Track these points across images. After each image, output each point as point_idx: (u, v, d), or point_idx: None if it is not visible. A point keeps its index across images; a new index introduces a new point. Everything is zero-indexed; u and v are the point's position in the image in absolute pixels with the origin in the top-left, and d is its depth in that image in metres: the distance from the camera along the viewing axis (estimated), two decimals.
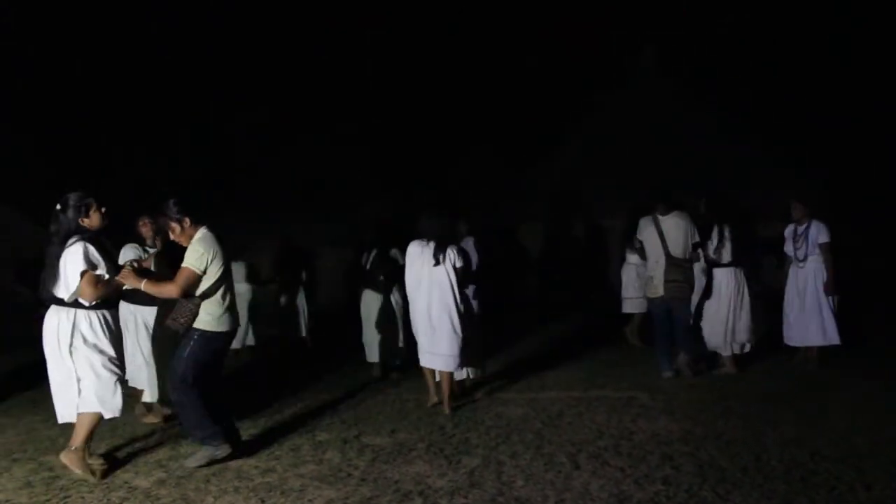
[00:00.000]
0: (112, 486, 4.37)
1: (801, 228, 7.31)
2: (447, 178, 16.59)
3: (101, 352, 4.46)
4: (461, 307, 5.92)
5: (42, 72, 16.61)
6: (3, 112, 15.30)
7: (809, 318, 7.20)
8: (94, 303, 4.43)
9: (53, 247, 4.45)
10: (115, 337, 4.59)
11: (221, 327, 4.68)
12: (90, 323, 4.45)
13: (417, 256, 5.97)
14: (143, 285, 4.54)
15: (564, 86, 18.27)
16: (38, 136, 16.04)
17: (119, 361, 4.58)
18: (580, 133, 15.34)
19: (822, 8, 17.91)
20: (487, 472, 4.42)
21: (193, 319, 4.61)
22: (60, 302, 4.43)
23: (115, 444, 5.23)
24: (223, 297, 4.68)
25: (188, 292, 4.58)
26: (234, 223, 10.20)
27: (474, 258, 6.82)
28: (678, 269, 6.79)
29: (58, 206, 4.49)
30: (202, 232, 4.68)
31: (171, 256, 5.02)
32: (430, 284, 5.88)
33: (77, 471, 4.47)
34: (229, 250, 4.79)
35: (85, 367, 4.43)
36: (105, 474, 4.53)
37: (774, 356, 7.47)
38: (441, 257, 5.86)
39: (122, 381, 4.59)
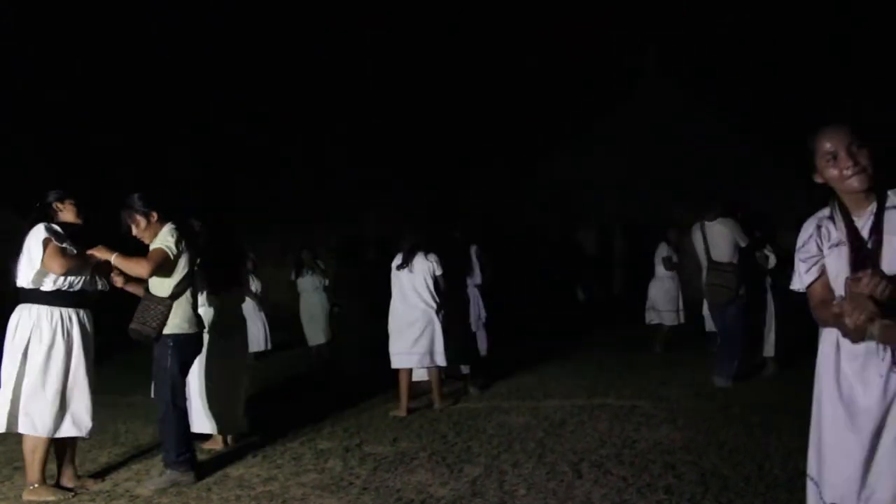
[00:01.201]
0: (114, 495, 4.36)
1: None
2: (449, 185, 16.61)
3: (51, 364, 4.16)
4: (432, 310, 6.24)
5: (43, 73, 16.65)
6: (5, 114, 15.31)
7: None
8: (54, 288, 4.16)
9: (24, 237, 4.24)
10: (81, 341, 4.29)
11: (194, 328, 4.60)
12: (51, 321, 4.18)
13: (396, 263, 6.35)
14: (114, 259, 4.26)
15: (567, 89, 18.30)
16: (40, 138, 16.04)
17: (72, 375, 4.24)
18: (582, 136, 15.37)
19: (823, 8, 17.94)
20: (489, 481, 4.41)
21: (164, 323, 4.39)
22: (27, 297, 4.20)
23: (118, 452, 5.23)
24: (192, 297, 4.61)
25: (154, 274, 4.35)
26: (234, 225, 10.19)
27: (477, 266, 6.87)
28: (719, 273, 6.90)
29: (37, 203, 4.38)
30: (170, 226, 4.51)
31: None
32: (402, 288, 6.27)
33: (50, 498, 4.22)
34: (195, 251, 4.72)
35: (28, 381, 4.14)
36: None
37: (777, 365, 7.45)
38: (410, 263, 6.23)
39: (66, 399, 4.24)
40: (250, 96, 17.77)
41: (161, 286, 4.44)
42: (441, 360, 6.28)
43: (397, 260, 6.32)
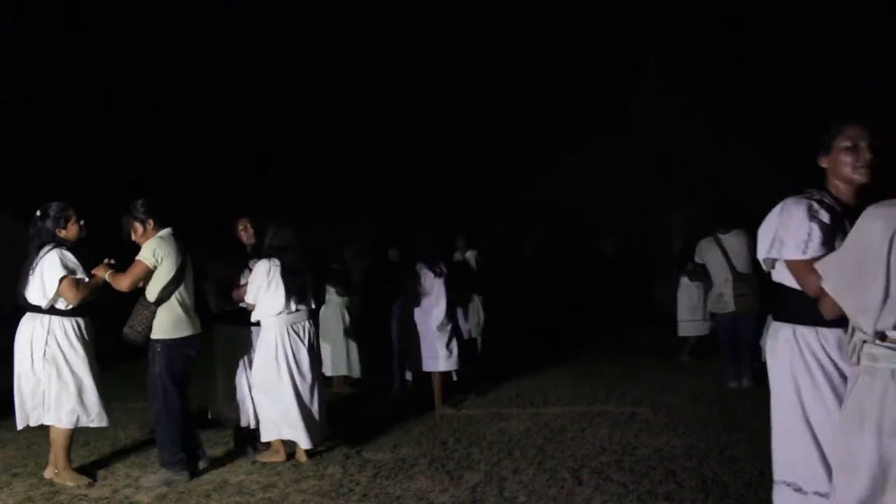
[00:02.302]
0: (113, 501, 4.35)
1: None
2: (451, 191, 16.63)
3: (72, 362, 4.51)
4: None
5: (48, 80, 16.65)
6: (8, 119, 15.28)
7: None
8: (70, 307, 4.50)
9: (31, 254, 4.52)
10: (88, 345, 4.60)
11: (181, 332, 4.61)
12: (65, 330, 4.51)
13: (428, 268, 6.60)
14: (108, 276, 4.55)
15: (568, 97, 18.34)
16: (40, 140, 16.02)
17: (90, 371, 4.58)
18: (583, 144, 15.40)
19: (824, 13, 18.00)
20: (489, 488, 4.40)
21: (149, 328, 4.54)
22: (36, 309, 4.50)
23: (117, 458, 5.20)
24: (179, 302, 4.61)
25: (137, 286, 4.55)
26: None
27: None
28: (747, 283, 6.98)
29: (38, 213, 4.57)
30: (163, 232, 4.64)
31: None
32: (437, 293, 6.50)
33: (70, 484, 4.52)
34: (190, 255, 4.74)
35: (54, 377, 4.48)
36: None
37: None
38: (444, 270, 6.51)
39: (94, 390, 4.58)
40: (254, 107, 17.79)
41: (148, 292, 4.59)
42: (457, 364, 6.55)
43: (424, 267, 6.45)
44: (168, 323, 4.56)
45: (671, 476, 4.50)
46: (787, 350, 2.80)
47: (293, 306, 4.94)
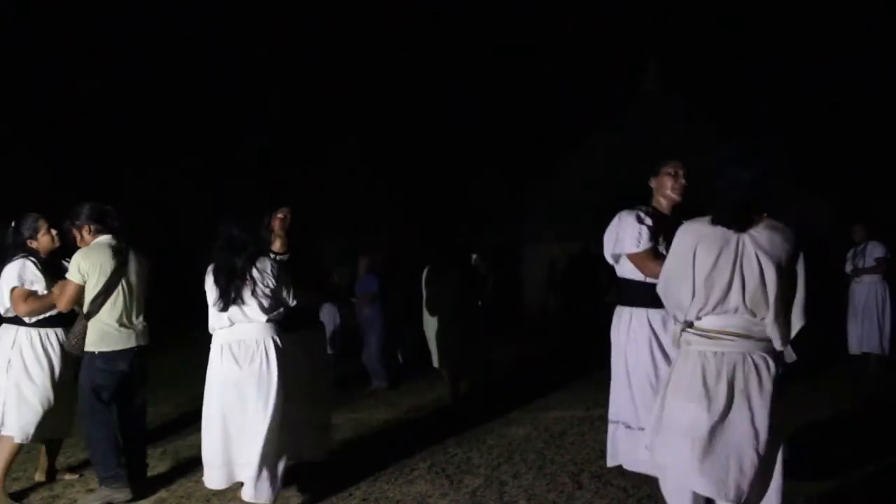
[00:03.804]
0: None
1: (859, 248, 8.16)
2: (455, 199, 16.63)
3: (33, 375, 4.44)
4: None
5: (47, 80, 16.62)
6: (11, 126, 15.28)
7: (869, 330, 8.10)
8: (33, 319, 4.47)
9: (6, 264, 4.52)
10: (59, 358, 4.53)
11: (109, 346, 4.34)
12: (31, 341, 4.48)
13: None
14: (53, 296, 4.45)
15: (568, 99, 18.35)
16: (41, 148, 16.00)
17: (53, 385, 4.49)
18: (583, 147, 15.40)
19: (825, 14, 18.01)
20: (489, 492, 4.40)
21: (83, 340, 4.35)
22: (8, 319, 4.51)
23: None
24: (111, 315, 4.35)
25: (74, 305, 4.39)
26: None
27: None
28: None
29: (12, 224, 4.57)
30: (100, 240, 4.42)
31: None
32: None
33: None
34: (127, 264, 4.44)
35: (12, 388, 4.42)
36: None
37: None
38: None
39: (50, 407, 4.47)
40: (257, 118, 17.78)
41: (84, 304, 4.42)
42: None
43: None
44: (96, 335, 4.34)
45: None
46: (624, 327, 3.92)
47: (225, 319, 4.07)
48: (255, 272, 4.04)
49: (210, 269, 4.13)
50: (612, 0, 20.41)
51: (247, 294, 4.01)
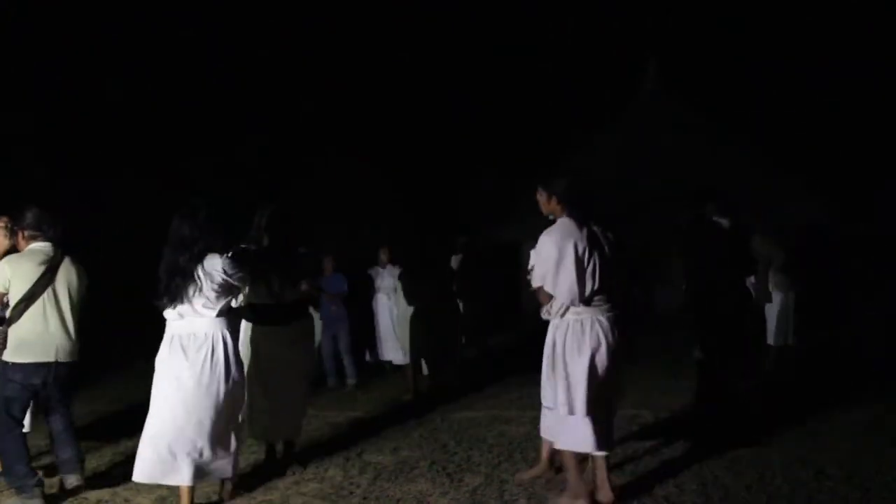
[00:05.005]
0: (113, 503, 4.36)
1: None
2: (458, 199, 16.62)
3: None
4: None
5: (50, 89, 16.64)
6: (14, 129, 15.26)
7: None
8: None
9: None
10: None
11: (21, 358, 4.26)
12: None
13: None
14: None
15: (569, 103, 18.34)
16: (42, 149, 15.99)
17: None
18: (583, 151, 15.39)
19: (825, 14, 18.00)
20: (490, 491, 4.40)
21: (3, 348, 4.30)
22: None
23: (118, 461, 5.21)
24: (30, 323, 4.28)
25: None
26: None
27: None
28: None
29: None
30: (28, 248, 4.40)
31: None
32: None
33: None
34: (55, 273, 4.37)
35: None
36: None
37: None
38: None
39: None
40: (258, 118, 17.77)
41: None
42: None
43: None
44: (12, 345, 4.29)
45: (671, 479, 4.50)
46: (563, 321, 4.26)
47: (175, 312, 4.17)
48: (200, 271, 4.06)
49: (160, 265, 4.18)
50: (612, 0, 20.37)
51: (193, 291, 4.07)
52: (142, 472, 4.05)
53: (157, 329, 4.38)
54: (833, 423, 5.74)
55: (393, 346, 8.37)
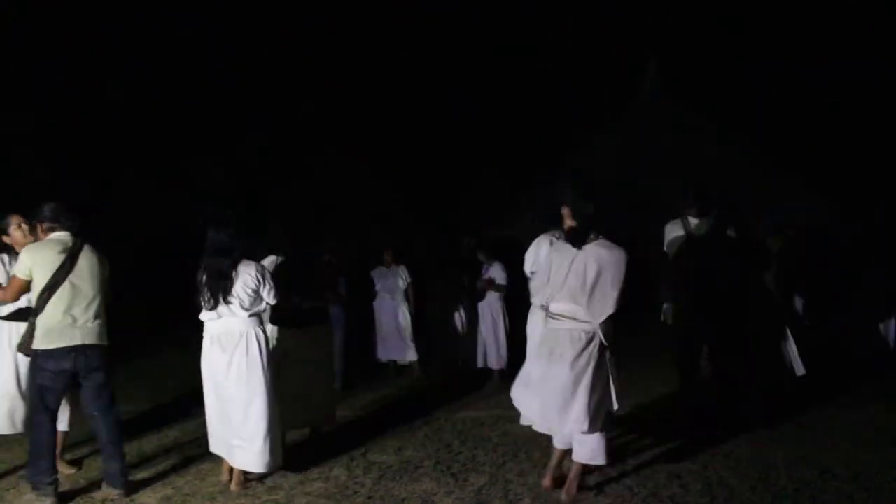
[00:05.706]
0: (118, 502, 4.36)
1: None
2: (459, 202, 16.62)
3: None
4: None
5: (49, 89, 16.60)
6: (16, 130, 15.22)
7: None
8: (3, 313, 4.75)
9: None
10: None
11: (51, 344, 4.32)
12: None
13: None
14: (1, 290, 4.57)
15: (569, 103, 18.34)
16: (43, 148, 15.95)
17: (17, 377, 4.77)
18: (583, 151, 15.40)
19: (825, 14, 18.01)
20: (494, 490, 4.41)
21: (30, 337, 4.36)
22: None
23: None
24: (56, 311, 4.32)
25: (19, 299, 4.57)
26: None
27: (503, 280, 7.74)
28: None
29: None
30: (47, 238, 4.45)
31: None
32: None
33: None
34: (76, 261, 4.41)
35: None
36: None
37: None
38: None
39: (12, 398, 4.79)
40: (259, 120, 17.74)
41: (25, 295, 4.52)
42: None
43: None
44: (40, 332, 4.33)
45: (676, 479, 4.51)
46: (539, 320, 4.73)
47: (214, 313, 4.56)
48: (237, 275, 4.53)
49: (200, 271, 4.59)
50: (612, 0, 20.37)
51: (231, 294, 4.53)
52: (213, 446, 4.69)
53: (157, 329, 4.39)
54: (833, 422, 5.76)
55: (396, 346, 8.38)
